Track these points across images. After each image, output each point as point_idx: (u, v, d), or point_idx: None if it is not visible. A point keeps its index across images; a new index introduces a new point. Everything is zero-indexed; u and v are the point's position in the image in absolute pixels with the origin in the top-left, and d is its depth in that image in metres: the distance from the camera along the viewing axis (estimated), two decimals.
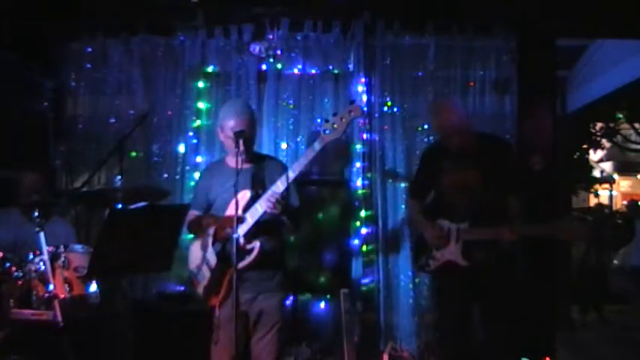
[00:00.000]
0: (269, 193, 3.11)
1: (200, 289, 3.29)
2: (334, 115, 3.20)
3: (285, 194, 3.18)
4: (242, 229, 3.12)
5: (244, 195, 3.17)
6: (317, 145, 3.16)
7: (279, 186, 3.12)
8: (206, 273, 3.25)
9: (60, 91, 4.61)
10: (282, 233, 3.34)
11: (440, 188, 3.58)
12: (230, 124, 3.21)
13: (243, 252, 3.10)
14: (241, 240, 3.10)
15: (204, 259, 3.27)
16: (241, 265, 3.07)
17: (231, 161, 3.22)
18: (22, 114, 4.47)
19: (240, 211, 3.10)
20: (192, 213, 3.38)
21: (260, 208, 3.12)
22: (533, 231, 3.40)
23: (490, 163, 3.39)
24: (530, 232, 3.38)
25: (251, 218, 3.14)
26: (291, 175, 3.14)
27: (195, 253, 3.32)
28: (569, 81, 6.53)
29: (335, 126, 3.15)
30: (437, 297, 3.98)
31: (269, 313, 3.26)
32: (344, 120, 3.16)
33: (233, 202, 3.02)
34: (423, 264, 3.62)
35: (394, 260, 4.55)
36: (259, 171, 3.30)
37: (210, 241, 3.27)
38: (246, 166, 3.23)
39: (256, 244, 3.13)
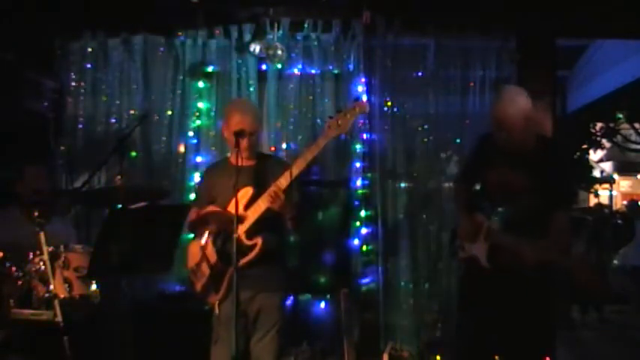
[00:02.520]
0: (272, 188, 3.11)
1: (198, 287, 3.29)
2: (338, 111, 3.20)
3: (287, 192, 3.18)
4: (244, 226, 3.12)
5: (246, 192, 3.17)
6: (321, 142, 3.16)
7: (282, 182, 3.12)
8: (205, 270, 3.25)
9: (60, 91, 4.61)
10: (283, 231, 3.34)
11: (485, 181, 3.36)
12: (232, 120, 3.22)
13: (244, 248, 3.10)
14: (242, 236, 3.10)
15: (203, 256, 3.27)
16: (242, 261, 3.07)
17: (234, 159, 3.22)
18: (22, 114, 4.48)
19: (241, 208, 3.11)
20: (194, 212, 3.38)
21: (262, 204, 3.12)
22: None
23: (543, 167, 3.09)
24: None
25: (253, 215, 3.14)
26: (295, 171, 3.14)
27: (193, 250, 3.32)
28: (569, 81, 6.55)
29: (339, 122, 3.15)
30: (460, 290, 3.74)
31: (268, 312, 3.26)
32: (348, 116, 3.16)
33: (234, 200, 3.03)
34: (453, 251, 3.46)
35: (394, 260, 4.55)
36: (262, 169, 3.31)
37: (209, 238, 3.27)
38: (250, 163, 3.24)
39: (258, 240, 3.14)
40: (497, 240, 3.15)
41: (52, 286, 3.03)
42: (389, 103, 4.61)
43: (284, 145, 4.55)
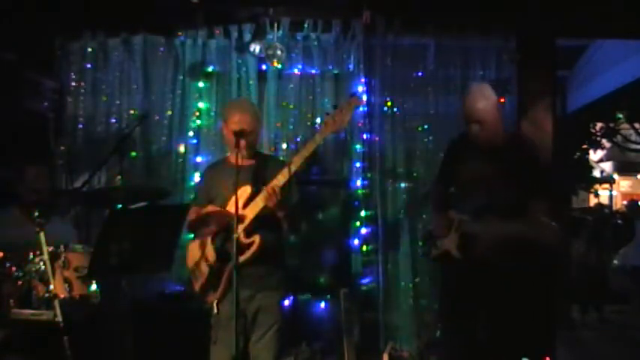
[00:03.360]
0: (268, 185, 3.12)
1: (198, 286, 3.29)
2: (334, 107, 3.21)
3: (285, 190, 3.18)
4: (242, 224, 3.13)
5: (245, 190, 3.17)
6: (318, 138, 3.17)
7: (280, 179, 3.13)
8: (204, 269, 3.25)
9: (60, 91, 4.61)
10: (282, 230, 3.34)
11: (459, 179, 3.50)
12: (231, 120, 3.23)
13: (242, 246, 3.10)
14: (241, 235, 3.11)
15: (202, 255, 3.27)
16: (240, 259, 3.07)
17: (233, 159, 3.23)
18: (22, 114, 4.48)
19: (240, 207, 3.11)
20: (193, 211, 3.39)
21: (259, 201, 3.13)
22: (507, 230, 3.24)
23: (512, 163, 3.26)
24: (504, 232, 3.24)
25: (251, 213, 3.14)
26: (293, 167, 3.14)
27: (193, 250, 3.33)
28: (569, 81, 6.54)
29: (336, 118, 3.16)
30: (440, 289, 3.89)
31: (267, 311, 3.26)
32: (344, 112, 3.16)
33: (233, 199, 3.03)
34: (427, 251, 3.60)
35: (394, 260, 4.55)
36: (261, 168, 3.31)
37: (209, 237, 3.27)
38: (248, 163, 3.25)
39: (256, 238, 3.14)
40: (466, 229, 3.30)
41: (52, 286, 3.03)
42: (389, 103, 4.61)
43: (284, 145, 4.55)
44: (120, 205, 3.35)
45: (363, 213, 4.53)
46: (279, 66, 4.53)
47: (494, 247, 3.23)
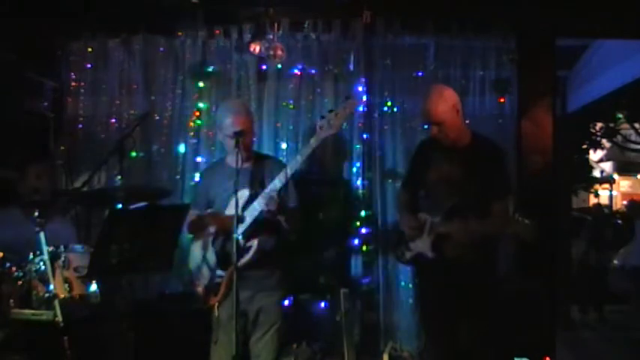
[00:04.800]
0: (266, 190, 3.12)
1: (200, 289, 3.29)
2: (330, 111, 3.21)
3: (283, 193, 3.18)
4: (240, 228, 3.12)
5: (242, 194, 3.17)
6: (313, 142, 3.17)
7: (277, 184, 3.13)
8: (206, 273, 3.26)
9: (60, 91, 4.61)
10: (280, 232, 3.34)
11: (427, 181, 3.54)
12: (227, 121, 3.22)
13: (241, 250, 3.10)
14: (239, 239, 3.11)
15: (204, 258, 3.27)
16: (239, 263, 3.07)
17: (231, 161, 3.23)
18: (22, 114, 4.47)
19: (238, 210, 3.11)
20: (193, 213, 3.38)
21: (257, 206, 3.13)
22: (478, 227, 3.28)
23: (478, 162, 3.32)
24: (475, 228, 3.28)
25: (249, 217, 3.14)
26: (290, 171, 3.15)
27: (195, 252, 3.33)
28: (569, 81, 6.54)
29: (331, 122, 3.16)
30: (417, 291, 3.95)
31: (267, 311, 3.27)
32: (339, 116, 3.17)
33: (233, 201, 3.02)
34: (399, 254, 3.63)
35: (394, 260, 4.54)
36: (259, 170, 3.31)
37: (210, 240, 3.27)
38: (246, 165, 3.24)
39: (254, 243, 3.14)
40: (438, 230, 3.34)
41: (52, 286, 3.03)
42: (389, 103, 4.61)
43: (284, 145, 4.55)
44: (120, 205, 3.35)
45: (363, 213, 4.53)
46: (279, 66, 4.53)
47: (468, 246, 3.28)
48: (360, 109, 4.49)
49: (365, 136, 4.57)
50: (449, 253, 3.34)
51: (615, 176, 17.31)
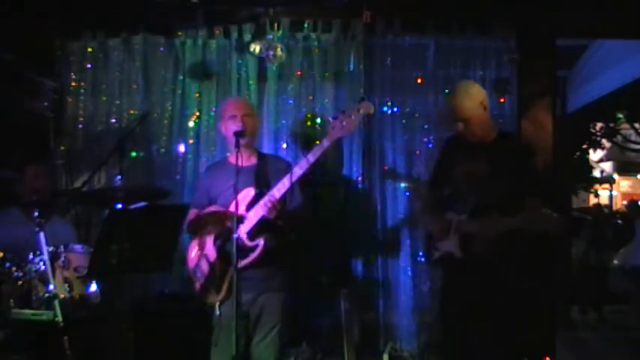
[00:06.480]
0: (266, 198, 3.10)
1: (198, 286, 3.29)
2: (342, 112, 3.19)
3: (288, 196, 3.18)
4: (245, 227, 3.12)
5: (247, 193, 3.17)
6: (325, 143, 3.16)
7: (276, 193, 3.11)
8: (204, 268, 3.25)
9: (60, 91, 4.60)
10: (284, 232, 3.33)
11: (453, 179, 3.49)
12: (230, 119, 3.23)
13: (246, 249, 3.10)
14: (244, 237, 3.10)
15: (202, 254, 3.26)
16: (244, 262, 3.07)
17: (234, 159, 3.22)
18: (22, 114, 4.47)
19: (243, 209, 3.10)
20: (193, 212, 3.38)
21: (260, 210, 3.12)
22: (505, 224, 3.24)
23: (505, 158, 3.28)
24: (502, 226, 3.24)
25: (254, 216, 3.13)
26: (299, 171, 3.14)
27: (193, 250, 3.33)
28: (569, 81, 6.54)
29: (344, 123, 3.14)
30: (441, 290, 3.84)
31: (270, 312, 3.26)
32: (353, 117, 3.15)
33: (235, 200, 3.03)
34: (428, 255, 3.62)
35: (394, 260, 4.55)
36: (264, 169, 3.31)
37: (209, 238, 3.26)
38: (251, 163, 3.24)
39: (260, 242, 3.13)
40: (466, 229, 3.30)
41: (52, 286, 3.03)
42: (389, 103, 4.61)
43: (284, 145, 4.55)
44: (120, 205, 3.35)
45: (363, 213, 4.53)
46: (279, 66, 4.53)
47: (497, 244, 3.23)
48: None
49: (365, 136, 4.57)
50: (477, 251, 3.29)
51: (615, 176, 17.29)
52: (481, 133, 3.35)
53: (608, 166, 17.74)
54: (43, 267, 3.09)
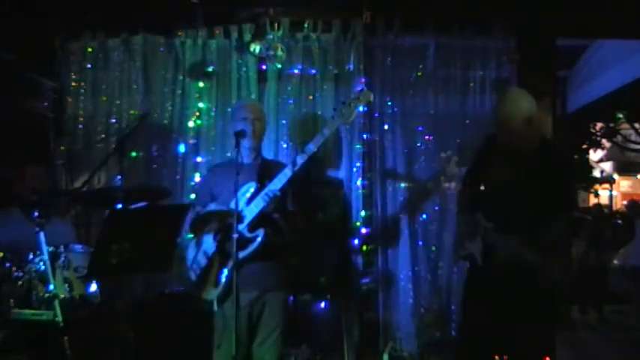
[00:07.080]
0: (267, 188, 3.14)
1: (194, 277, 3.29)
2: (342, 103, 3.23)
3: (288, 196, 3.20)
4: (245, 220, 3.16)
5: (249, 186, 3.21)
6: (326, 132, 3.19)
7: (282, 179, 3.16)
8: (202, 261, 3.25)
9: (60, 91, 4.61)
10: (284, 228, 3.34)
11: (487, 180, 3.42)
12: (241, 115, 3.29)
13: (246, 240, 3.11)
14: (244, 229, 3.13)
15: (200, 248, 3.28)
16: (244, 253, 3.09)
17: (239, 157, 3.24)
18: (22, 114, 4.48)
19: (244, 204, 3.14)
20: (194, 211, 3.39)
21: (260, 202, 3.15)
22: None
23: (543, 170, 3.21)
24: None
25: (256, 207, 3.17)
26: (300, 161, 3.18)
27: (192, 247, 3.34)
28: (569, 81, 6.54)
29: (343, 112, 3.19)
30: (465, 288, 3.76)
31: (272, 313, 3.27)
32: (352, 105, 3.20)
33: (238, 195, 3.07)
34: (457, 251, 3.62)
35: (394, 260, 4.55)
36: (266, 168, 3.34)
37: (209, 234, 3.28)
38: (255, 161, 3.30)
39: (260, 232, 3.15)
40: (490, 239, 3.26)
41: (52, 286, 3.03)
42: (389, 103, 4.61)
43: (284, 146, 4.55)
44: (120, 205, 3.35)
45: (363, 213, 4.53)
46: (279, 66, 4.53)
47: (511, 264, 3.20)
48: (361, 108, 4.48)
49: (365, 136, 4.57)
50: (495, 263, 3.25)
51: (615, 176, 17.26)
52: (520, 144, 3.23)
53: (608, 166, 17.71)
54: (43, 267, 3.09)
